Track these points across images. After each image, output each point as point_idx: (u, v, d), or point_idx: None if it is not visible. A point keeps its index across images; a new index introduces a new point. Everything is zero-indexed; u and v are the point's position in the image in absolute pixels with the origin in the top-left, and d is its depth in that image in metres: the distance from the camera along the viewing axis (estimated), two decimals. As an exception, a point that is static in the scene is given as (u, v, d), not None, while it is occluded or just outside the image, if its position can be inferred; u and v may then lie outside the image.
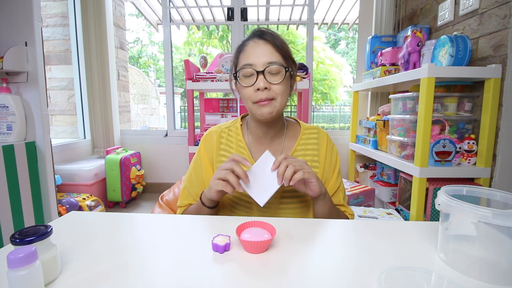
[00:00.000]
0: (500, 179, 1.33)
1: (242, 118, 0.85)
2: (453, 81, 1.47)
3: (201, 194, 0.73)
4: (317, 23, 5.16)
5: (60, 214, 1.70)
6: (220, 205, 0.77)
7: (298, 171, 0.62)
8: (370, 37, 2.12)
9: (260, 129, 0.78)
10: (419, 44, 1.55)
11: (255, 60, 0.68)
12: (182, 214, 0.79)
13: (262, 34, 0.70)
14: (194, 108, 2.09)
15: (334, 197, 0.79)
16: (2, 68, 1.36)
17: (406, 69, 1.63)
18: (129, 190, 2.43)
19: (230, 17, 2.59)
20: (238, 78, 0.72)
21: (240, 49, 0.73)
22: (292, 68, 0.72)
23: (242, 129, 0.81)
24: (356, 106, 2.35)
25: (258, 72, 0.68)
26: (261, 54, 0.68)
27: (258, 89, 0.68)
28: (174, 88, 2.86)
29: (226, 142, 0.80)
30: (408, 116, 1.51)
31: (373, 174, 2.13)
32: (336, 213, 0.74)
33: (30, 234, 0.41)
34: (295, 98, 2.34)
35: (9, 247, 0.52)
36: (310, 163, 0.77)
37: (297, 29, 7.04)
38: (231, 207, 0.78)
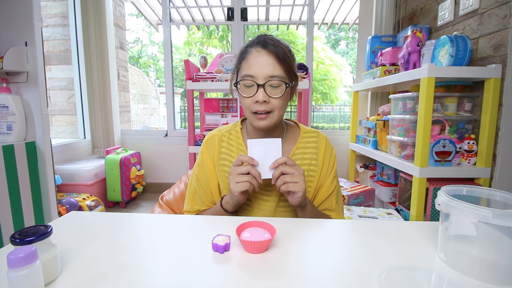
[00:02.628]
0: (500, 179, 1.33)
1: (242, 121, 0.85)
2: (453, 81, 1.46)
3: (221, 202, 0.73)
4: (317, 23, 5.16)
5: (60, 214, 1.70)
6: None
7: (286, 183, 0.65)
8: (370, 37, 2.12)
9: (259, 133, 0.78)
10: (419, 44, 1.55)
11: (256, 72, 0.68)
12: None
13: (265, 44, 0.70)
14: (194, 108, 2.09)
15: (327, 202, 0.78)
16: (2, 68, 1.36)
17: (406, 69, 1.63)
18: (129, 190, 2.42)
19: (230, 17, 2.59)
20: (238, 87, 0.73)
21: (242, 56, 0.73)
22: (294, 80, 0.73)
23: (242, 133, 0.82)
24: (356, 106, 2.35)
25: (258, 85, 0.69)
26: (263, 65, 0.68)
27: (257, 101, 0.69)
28: (174, 88, 2.86)
29: (227, 146, 0.80)
30: (408, 116, 1.51)
31: (373, 174, 2.13)
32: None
33: (30, 234, 0.42)
34: (295, 98, 2.33)
35: (9, 247, 0.52)
36: (308, 166, 0.77)
37: (297, 29, 7.03)
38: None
